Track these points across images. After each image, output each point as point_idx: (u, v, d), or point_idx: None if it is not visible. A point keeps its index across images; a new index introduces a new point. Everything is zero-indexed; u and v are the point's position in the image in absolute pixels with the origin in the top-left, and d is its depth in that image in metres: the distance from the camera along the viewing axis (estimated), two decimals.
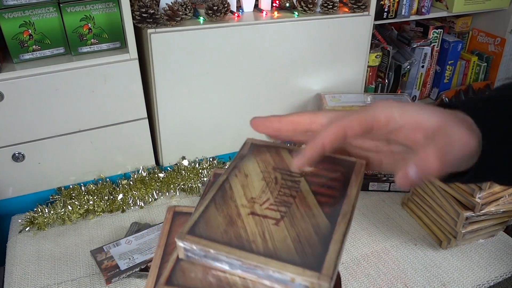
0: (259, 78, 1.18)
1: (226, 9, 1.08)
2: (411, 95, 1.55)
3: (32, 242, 0.98)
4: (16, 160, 1.01)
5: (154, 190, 1.13)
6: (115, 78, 1.02)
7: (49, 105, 0.98)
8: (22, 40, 0.95)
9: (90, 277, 0.89)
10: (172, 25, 1.03)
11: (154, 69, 1.04)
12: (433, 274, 0.91)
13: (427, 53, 1.50)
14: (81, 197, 1.06)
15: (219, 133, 1.22)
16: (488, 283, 0.89)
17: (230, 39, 1.09)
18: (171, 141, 1.17)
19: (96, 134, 1.07)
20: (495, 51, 1.60)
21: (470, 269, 0.92)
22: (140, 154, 1.16)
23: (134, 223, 1.02)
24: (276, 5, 1.21)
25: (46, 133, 1.02)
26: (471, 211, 0.90)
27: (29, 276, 0.90)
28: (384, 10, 1.31)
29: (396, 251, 0.97)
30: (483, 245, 0.99)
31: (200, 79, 1.11)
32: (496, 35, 1.58)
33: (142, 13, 0.99)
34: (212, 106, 1.16)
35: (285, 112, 1.34)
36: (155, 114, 1.12)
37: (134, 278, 0.89)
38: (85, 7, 0.97)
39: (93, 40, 1.01)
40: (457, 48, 1.54)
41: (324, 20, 1.18)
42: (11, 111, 0.95)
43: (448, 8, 1.44)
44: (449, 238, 0.96)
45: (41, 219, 1.01)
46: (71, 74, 0.98)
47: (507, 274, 0.92)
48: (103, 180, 1.13)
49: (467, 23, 1.62)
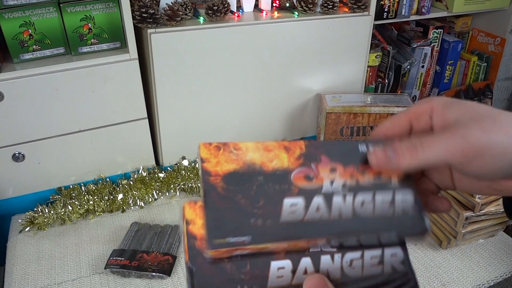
0: (259, 78, 1.18)
1: (226, 9, 1.08)
2: (411, 95, 1.55)
3: (32, 242, 0.98)
4: (16, 160, 1.01)
5: (154, 190, 1.13)
6: (115, 78, 1.02)
7: (49, 105, 0.98)
8: (22, 40, 0.95)
9: (90, 277, 0.89)
10: (172, 25, 1.03)
11: (154, 69, 1.04)
12: (433, 274, 0.91)
13: (427, 53, 1.50)
14: (81, 197, 1.06)
15: (219, 133, 1.22)
16: (488, 283, 0.89)
17: (230, 39, 1.09)
18: (171, 141, 1.17)
19: (96, 134, 1.07)
20: (495, 51, 1.60)
21: (470, 269, 0.92)
22: (140, 154, 1.16)
23: (134, 223, 1.02)
24: (276, 5, 1.21)
25: (46, 133, 1.02)
26: (471, 211, 0.90)
27: (29, 276, 0.90)
28: (384, 10, 1.31)
29: None
30: (483, 245, 0.99)
31: (200, 79, 1.11)
32: (496, 35, 1.58)
33: (142, 13, 0.99)
34: (212, 106, 1.16)
35: (285, 112, 1.34)
36: (155, 114, 1.12)
37: (134, 278, 0.89)
38: (85, 7, 0.97)
39: (93, 40, 1.01)
40: (457, 48, 1.54)
41: (324, 20, 1.18)
42: (11, 111, 0.95)
43: (448, 8, 1.44)
44: (449, 238, 0.96)
45: (41, 219, 1.01)
46: (71, 74, 0.98)
47: (507, 274, 0.92)
48: (103, 180, 1.13)
49: (467, 23, 1.62)
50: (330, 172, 0.32)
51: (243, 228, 0.28)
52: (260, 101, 1.22)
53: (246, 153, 0.32)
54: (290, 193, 0.31)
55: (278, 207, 0.30)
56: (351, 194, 0.31)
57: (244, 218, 0.29)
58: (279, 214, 0.29)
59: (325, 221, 0.30)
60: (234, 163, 0.31)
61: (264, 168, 0.31)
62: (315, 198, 0.31)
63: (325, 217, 0.30)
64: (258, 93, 1.20)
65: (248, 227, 0.28)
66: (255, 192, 0.30)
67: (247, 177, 0.31)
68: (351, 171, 0.33)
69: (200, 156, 0.31)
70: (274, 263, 0.29)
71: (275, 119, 1.28)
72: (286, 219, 0.29)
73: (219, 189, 0.30)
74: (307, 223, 0.30)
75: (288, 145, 0.33)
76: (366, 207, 0.31)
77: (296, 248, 0.30)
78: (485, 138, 0.29)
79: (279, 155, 0.32)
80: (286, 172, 0.31)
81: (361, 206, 0.31)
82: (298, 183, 0.31)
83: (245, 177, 0.30)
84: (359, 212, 0.31)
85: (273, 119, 1.28)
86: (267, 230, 0.29)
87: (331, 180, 0.32)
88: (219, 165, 0.31)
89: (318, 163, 0.32)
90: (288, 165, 0.32)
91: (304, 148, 0.33)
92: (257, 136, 1.28)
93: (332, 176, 0.32)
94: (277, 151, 0.32)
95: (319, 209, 0.30)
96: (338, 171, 0.32)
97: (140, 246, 0.94)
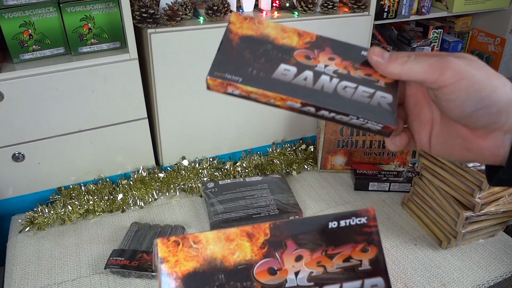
0: None
1: (226, 9, 1.08)
2: None
3: (32, 242, 0.98)
4: (16, 160, 1.01)
5: (154, 190, 1.13)
6: (115, 78, 1.02)
7: (49, 105, 0.98)
8: (22, 40, 0.95)
9: (90, 277, 0.89)
10: (172, 25, 1.03)
11: (154, 69, 1.04)
12: (433, 274, 0.91)
13: None
14: (81, 197, 1.06)
15: (219, 133, 1.22)
16: (488, 283, 0.89)
17: None
18: (171, 141, 1.17)
19: (96, 134, 1.07)
20: (495, 51, 1.60)
21: (470, 269, 0.92)
22: (140, 154, 1.16)
23: (134, 223, 1.02)
24: (276, 5, 1.21)
25: (46, 133, 1.02)
26: (471, 211, 0.90)
27: (29, 276, 0.90)
28: (384, 10, 1.31)
29: (396, 251, 0.97)
30: (483, 245, 0.99)
31: (200, 79, 1.10)
32: (496, 35, 1.58)
33: (142, 13, 0.99)
34: (212, 106, 1.16)
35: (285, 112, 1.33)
36: (155, 114, 1.12)
37: (134, 278, 0.89)
38: (85, 7, 0.97)
39: (93, 40, 1.01)
40: (457, 48, 1.54)
41: (324, 20, 1.18)
42: (11, 111, 0.95)
43: (448, 8, 1.44)
44: (449, 238, 0.96)
45: (41, 219, 1.01)
46: (71, 74, 0.98)
47: (507, 274, 0.92)
48: (103, 180, 1.13)
49: (467, 23, 1.62)
50: (328, 59, 0.36)
51: (240, 71, 0.34)
52: None
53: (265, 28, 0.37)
54: (288, 61, 0.35)
55: (273, 67, 0.35)
56: (338, 79, 0.35)
57: (244, 65, 0.34)
58: (272, 72, 0.34)
59: (307, 88, 0.34)
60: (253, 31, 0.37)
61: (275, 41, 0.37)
62: (306, 70, 0.35)
63: (308, 86, 0.34)
64: None
65: (244, 72, 0.34)
66: (261, 52, 0.35)
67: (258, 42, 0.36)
68: (347, 64, 0.36)
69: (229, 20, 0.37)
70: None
71: (275, 119, 1.28)
72: (276, 76, 0.34)
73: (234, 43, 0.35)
74: (292, 84, 0.34)
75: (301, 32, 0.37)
76: (347, 90, 0.34)
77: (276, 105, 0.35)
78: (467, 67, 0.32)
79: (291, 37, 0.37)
80: (292, 49, 0.36)
81: (343, 88, 0.34)
82: (298, 58, 0.36)
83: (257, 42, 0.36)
84: (339, 92, 0.34)
85: (273, 119, 1.28)
86: (257, 78, 0.33)
87: (326, 64, 0.36)
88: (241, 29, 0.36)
89: (321, 51, 0.37)
90: (296, 45, 0.36)
91: (314, 38, 0.37)
92: (257, 136, 1.28)
93: (328, 62, 0.36)
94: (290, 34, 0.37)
95: (306, 79, 0.34)
96: (335, 60, 0.36)
97: (140, 246, 0.94)
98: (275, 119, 1.28)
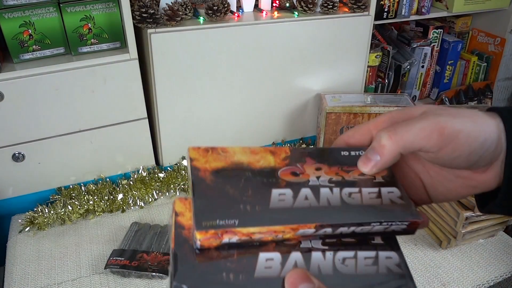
0: (259, 78, 1.18)
1: (226, 9, 1.08)
2: (411, 95, 1.55)
3: (32, 242, 0.98)
4: (16, 160, 1.01)
5: (154, 190, 1.13)
6: (115, 78, 1.02)
7: (49, 105, 0.98)
8: (22, 40, 0.95)
9: (90, 277, 0.89)
10: (172, 25, 1.03)
11: (154, 69, 1.04)
12: (433, 274, 0.91)
13: (427, 53, 1.50)
14: (81, 197, 1.06)
15: (219, 133, 1.22)
16: (488, 283, 0.89)
17: (230, 39, 1.09)
18: (171, 141, 1.17)
19: (96, 134, 1.07)
20: (495, 51, 1.60)
21: (470, 269, 0.92)
22: (140, 154, 1.16)
23: (134, 223, 1.02)
24: (276, 5, 1.21)
25: (46, 133, 1.02)
26: (471, 211, 0.90)
27: (29, 276, 0.90)
28: (384, 10, 1.31)
29: None
30: (483, 245, 0.99)
31: (200, 79, 1.11)
32: (496, 35, 1.58)
33: (142, 13, 0.99)
34: (212, 106, 1.16)
35: (285, 112, 1.33)
36: (155, 114, 1.12)
37: (134, 278, 0.89)
38: (85, 7, 0.97)
39: (93, 40, 1.01)
40: (457, 48, 1.54)
41: (324, 20, 1.18)
42: (11, 111, 0.95)
43: (448, 8, 1.44)
44: (449, 238, 0.96)
45: (41, 219, 1.01)
46: (71, 74, 0.98)
47: (507, 274, 0.92)
48: (103, 180, 1.13)
49: (467, 23, 1.62)
50: (315, 170, 0.33)
51: (232, 212, 0.28)
52: (260, 101, 1.22)
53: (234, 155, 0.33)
54: (278, 185, 0.31)
55: (266, 196, 0.30)
56: (337, 187, 0.32)
57: (233, 203, 0.29)
58: (268, 201, 0.30)
59: (315, 208, 0.30)
60: (222, 162, 0.33)
61: (252, 166, 0.32)
62: (302, 189, 0.31)
63: (314, 205, 0.30)
64: (258, 93, 1.20)
65: (237, 212, 0.28)
66: (243, 184, 0.31)
67: (235, 173, 0.32)
68: (336, 170, 0.33)
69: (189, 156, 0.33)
70: (263, 254, 0.29)
71: (275, 119, 1.28)
72: (275, 205, 0.30)
73: (207, 181, 0.31)
74: (296, 209, 0.30)
75: (273, 150, 0.34)
76: (353, 196, 0.31)
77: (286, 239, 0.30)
78: (456, 122, 0.31)
79: (266, 157, 0.34)
80: (273, 169, 0.33)
81: (348, 196, 0.31)
82: (285, 177, 0.32)
83: (233, 173, 0.32)
84: (347, 201, 0.31)
85: (273, 119, 1.28)
86: (256, 214, 0.29)
87: (317, 176, 0.33)
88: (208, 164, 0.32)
89: (303, 163, 0.34)
90: (275, 165, 0.33)
91: (289, 152, 0.34)
92: (257, 136, 1.28)
93: (318, 173, 0.33)
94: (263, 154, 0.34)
95: (308, 198, 0.31)
96: (323, 169, 0.33)
97: (140, 246, 0.94)
98: (275, 119, 1.28)
